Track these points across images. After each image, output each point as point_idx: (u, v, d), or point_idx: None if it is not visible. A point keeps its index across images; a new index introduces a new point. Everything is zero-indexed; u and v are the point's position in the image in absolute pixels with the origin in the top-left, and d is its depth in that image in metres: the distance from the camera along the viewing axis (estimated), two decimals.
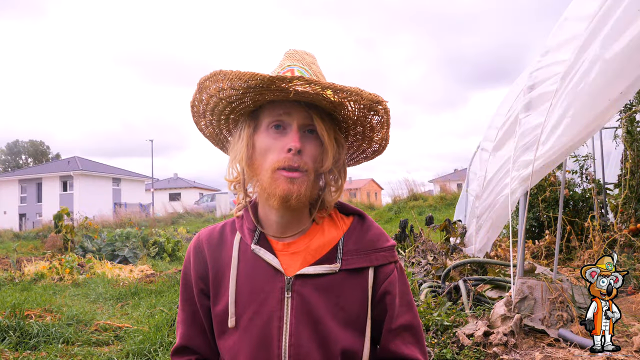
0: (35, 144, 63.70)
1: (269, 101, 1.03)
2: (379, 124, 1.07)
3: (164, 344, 3.55)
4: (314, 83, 0.94)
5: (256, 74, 0.93)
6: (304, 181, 1.00)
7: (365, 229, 1.11)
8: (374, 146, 1.14)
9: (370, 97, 0.99)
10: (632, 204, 5.03)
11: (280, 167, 0.99)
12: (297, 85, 0.94)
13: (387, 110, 1.03)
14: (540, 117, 3.06)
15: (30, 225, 30.83)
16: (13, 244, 14.65)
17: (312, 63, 1.10)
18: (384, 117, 1.05)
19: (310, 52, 1.14)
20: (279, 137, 1.02)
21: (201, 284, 1.12)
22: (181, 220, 23.30)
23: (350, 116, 1.05)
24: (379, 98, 0.99)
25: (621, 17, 2.28)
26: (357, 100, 0.99)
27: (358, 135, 1.12)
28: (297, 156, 0.99)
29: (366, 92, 0.98)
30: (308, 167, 1.01)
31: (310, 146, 1.02)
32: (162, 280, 6.87)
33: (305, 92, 0.95)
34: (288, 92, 0.96)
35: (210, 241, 1.13)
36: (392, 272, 1.08)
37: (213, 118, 1.11)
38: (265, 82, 0.94)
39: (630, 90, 2.34)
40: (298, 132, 1.01)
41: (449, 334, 2.93)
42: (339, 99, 0.98)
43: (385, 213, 17.07)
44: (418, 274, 5.28)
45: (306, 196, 1.01)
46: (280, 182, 0.99)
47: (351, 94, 0.97)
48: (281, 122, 1.02)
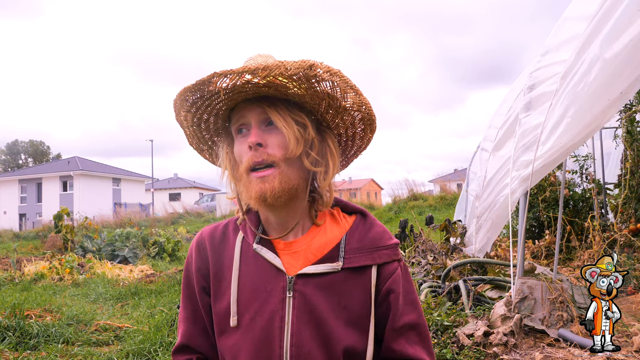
0: (35, 144, 63.68)
1: (232, 111, 1.05)
2: (335, 90, 0.98)
3: (164, 344, 3.55)
4: (229, 74, 0.93)
5: (185, 87, 0.97)
6: (275, 176, 0.99)
7: (367, 227, 1.10)
8: (355, 115, 1.06)
9: (296, 65, 0.91)
10: (632, 204, 5.03)
11: (249, 168, 1.00)
12: (221, 83, 0.95)
13: (332, 71, 0.94)
14: (540, 117, 3.06)
15: (30, 225, 30.81)
16: (13, 244, 14.64)
17: (264, 62, 1.07)
18: (335, 80, 0.96)
19: (265, 53, 1.09)
20: (244, 140, 1.03)
21: (202, 282, 1.11)
22: (181, 220, 23.30)
23: (299, 93, 0.97)
24: (309, 62, 0.91)
25: (621, 17, 2.28)
26: (283, 72, 0.92)
27: (330, 111, 1.04)
28: (258, 151, 0.99)
29: (290, 61, 0.91)
30: (275, 158, 0.99)
31: (273, 137, 1.01)
32: (162, 280, 6.87)
33: (237, 86, 0.95)
34: (220, 94, 0.97)
35: (213, 239, 1.13)
36: (395, 271, 1.07)
37: (207, 146, 1.16)
38: (195, 91, 0.97)
39: (630, 90, 2.34)
40: (256, 128, 1.01)
41: (449, 334, 2.93)
42: (263, 79, 0.93)
43: (385, 213, 17.08)
44: (418, 274, 5.28)
45: (283, 189, 0.99)
46: (253, 184, 1.00)
47: (272, 69, 0.91)
48: (242, 125, 1.03)
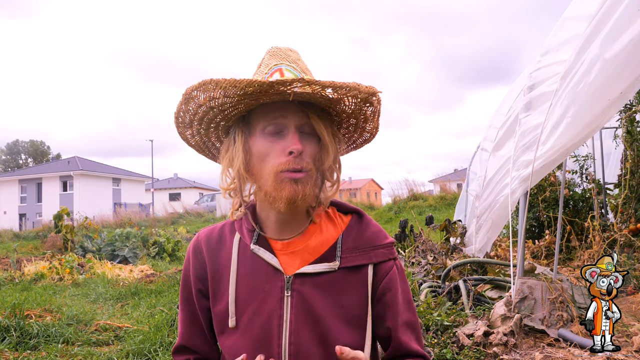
0: (35, 144, 63.69)
1: (261, 104, 1.02)
2: (372, 114, 1.08)
3: (164, 344, 3.55)
4: (314, 83, 0.93)
5: (254, 81, 0.91)
6: (308, 181, 1.00)
7: (363, 226, 1.12)
8: (365, 135, 1.15)
9: (367, 90, 0.99)
10: (632, 204, 5.03)
11: (283, 170, 0.98)
12: (296, 87, 0.93)
13: (379, 100, 1.04)
14: (540, 117, 3.06)
15: (30, 225, 30.81)
16: (13, 244, 14.63)
17: (297, 60, 1.10)
18: (377, 107, 1.06)
19: (294, 48, 1.13)
20: (276, 140, 1.00)
21: (200, 285, 1.12)
22: (181, 220, 23.30)
23: (346, 110, 1.05)
24: (375, 90, 1.00)
25: (621, 17, 2.27)
26: (355, 95, 0.99)
27: (350, 127, 1.13)
28: (298, 158, 0.99)
29: (363, 85, 0.98)
30: (310, 167, 1.01)
31: (309, 146, 1.02)
32: (162, 280, 6.87)
33: (304, 92, 0.94)
34: (286, 95, 0.94)
35: (209, 242, 1.13)
36: (391, 269, 1.09)
37: (201, 127, 1.09)
38: (265, 87, 0.93)
39: (630, 90, 2.34)
40: (296, 133, 1.00)
41: (449, 334, 2.93)
42: (338, 95, 0.98)
43: (385, 213, 17.07)
44: (418, 274, 5.28)
45: (310, 196, 1.01)
46: (285, 184, 0.98)
47: (350, 89, 0.97)
48: (277, 124, 1.00)
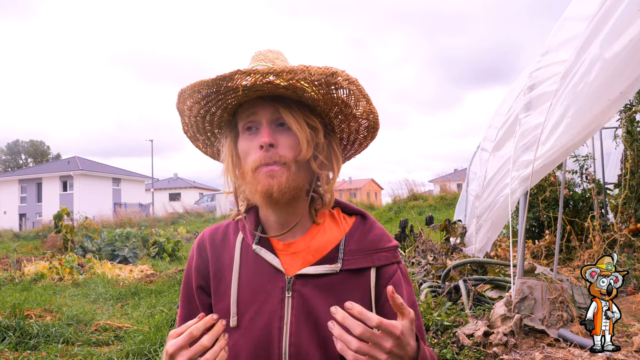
0: (35, 144, 63.69)
1: (240, 106, 1.04)
2: (350, 97, 1.01)
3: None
4: (253, 73, 0.93)
5: (202, 81, 0.95)
6: (284, 172, 0.99)
7: (367, 229, 1.10)
8: (362, 122, 1.09)
9: (320, 71, 0.93)
10: (632, 204, 5.03)
11: (258, 166, 1.00)
12: (242, 80, 0.94)
13: (350, 80, 0.97)
14: (540, 117, 3.06)
15: (30, 225, 30.82)
16: (13, 244, 14.65)
17: (275, 58, 1.09)
18: (352, 88, 0.99)
19: (276, 49, 1.12)
20: (253, 138, 1.02)
21: (201, 281, 1.12)
22: (181, 220, 23.31)
23: (315, 97, 1.00)
24: (332, 69, 0.94)
25: (621, 17, 2.27)
26: (306, 77, 0.94)
27: (340, 116, 1.08)
28: (270, 151, 0.99)
29: (314, 66, 0.93)
30: (286, 160, 1.00)
31: (284, 138, 1.01)
32: (162, 280, 6.87)
33: (256, 85, 0.94)
34: (238, 90, 0.96)
35: (214, 240, 1.14)
36: (395, 273, 1.07)
37: (204, 137, 1.14)
38: (212, 85, 0.95)
39: (630, 90, 2.34)
40: (268, 128, 1.01)
41: (449, 334, 2.93)
42: (286, 81, 0.94)
43: (385, 213, 17.08)
44: (418, 274, 5.28)
45: (289, 187, 1.00)
46: (260, 178, 0.99)
47: (296, 72, 0.92)
48: (252, 122, 1.02)
